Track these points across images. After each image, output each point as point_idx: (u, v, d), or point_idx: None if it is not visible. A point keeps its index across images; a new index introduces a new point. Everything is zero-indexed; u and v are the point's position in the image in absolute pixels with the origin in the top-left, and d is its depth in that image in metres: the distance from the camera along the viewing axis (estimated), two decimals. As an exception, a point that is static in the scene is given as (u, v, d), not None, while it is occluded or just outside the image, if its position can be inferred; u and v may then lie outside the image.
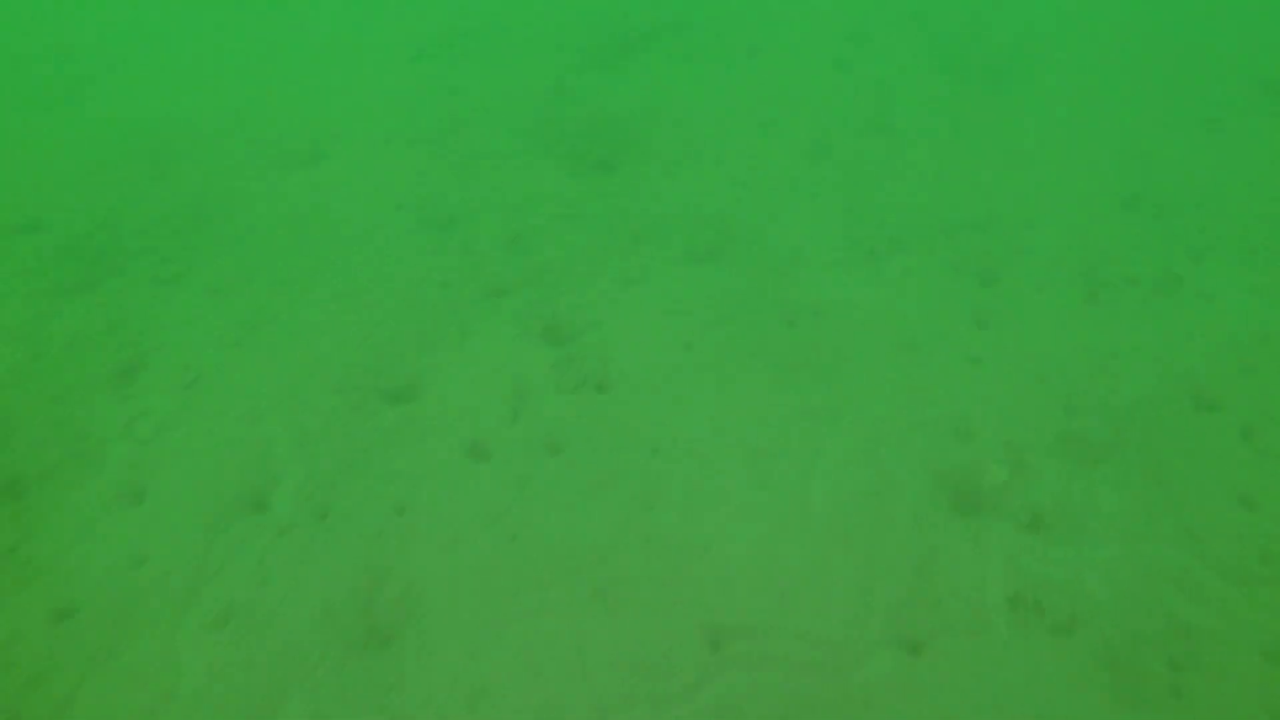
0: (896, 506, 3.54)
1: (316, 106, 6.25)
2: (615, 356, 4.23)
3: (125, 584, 3.34)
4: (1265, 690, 2.94)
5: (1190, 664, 3.02)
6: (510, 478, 3.68)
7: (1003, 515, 3.53)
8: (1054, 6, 7.94)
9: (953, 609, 3.17)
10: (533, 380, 4.12)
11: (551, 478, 3.68)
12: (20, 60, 6.88)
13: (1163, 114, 6.25)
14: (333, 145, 5.85)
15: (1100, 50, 7.16)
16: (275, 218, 5.25)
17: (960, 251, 4.91)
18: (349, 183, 5.50)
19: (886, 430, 3.86)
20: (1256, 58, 6.95)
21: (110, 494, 3.67)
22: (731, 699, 2.91)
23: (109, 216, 5.28)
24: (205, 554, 3.45)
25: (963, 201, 5.30)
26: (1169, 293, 4.65)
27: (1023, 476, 3.68)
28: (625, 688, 2.95)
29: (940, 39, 7.31)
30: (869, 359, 4.22)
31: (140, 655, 3.10)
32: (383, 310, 4.55)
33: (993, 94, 6.50)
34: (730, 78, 6.67)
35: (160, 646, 3.12)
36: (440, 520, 3.54)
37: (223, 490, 3.69)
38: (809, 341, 4.33)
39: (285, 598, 3.31)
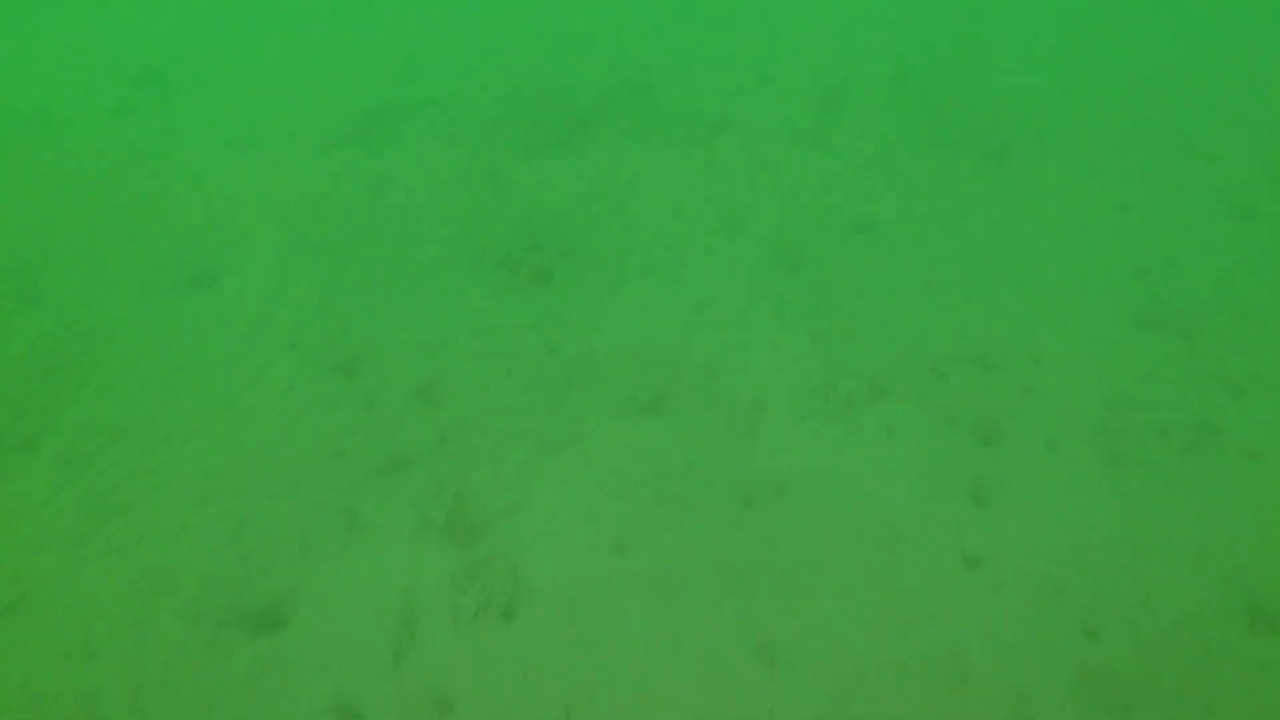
0: (872, 800, 2.76)
1: (216, 210, 5.49)
2: (530, 562, 3.46)
3: None
4: None
5: None
6: (384, 755, 2.91)
7: (1010, 805, 2.75)
8: (1057, 61, 7.13)
9: None
10: (426, 600, 3.35)
11: (436, 755, 2.91)
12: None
13: (1187, 199, 5.45)
14: (229, 260, 5.09)
15: (1112, 114, 6.35)
16: (151, 358, 4.49)
17: (955, 397, 4.12)
18: (240, 311, 4.74)
19: (859, 676, 3.07)
20: (1290, 121, 6.14)
21: (-118, 784, 2.91)
22: None
23: (-40, 361, 4.53)
24: None
25: (958, 327, 4.50)
26: (1206, 451, 3.85)
27: (1034, 743, 2.90)
28: None
29: (930, 104, 6.52)
30: (840, 561, 3.44)
31: None
32: (259, 496, 3.79)
33: (990, 176, 5.71)
34: (692, 160, 5.89)
35: None
36: (290, 822, 2.78)
37: (28, 770, 2.94)
38: (768, 532, 3.55)
39: None
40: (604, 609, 3.29)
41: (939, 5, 8.01)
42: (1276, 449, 3.85)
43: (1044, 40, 7.38)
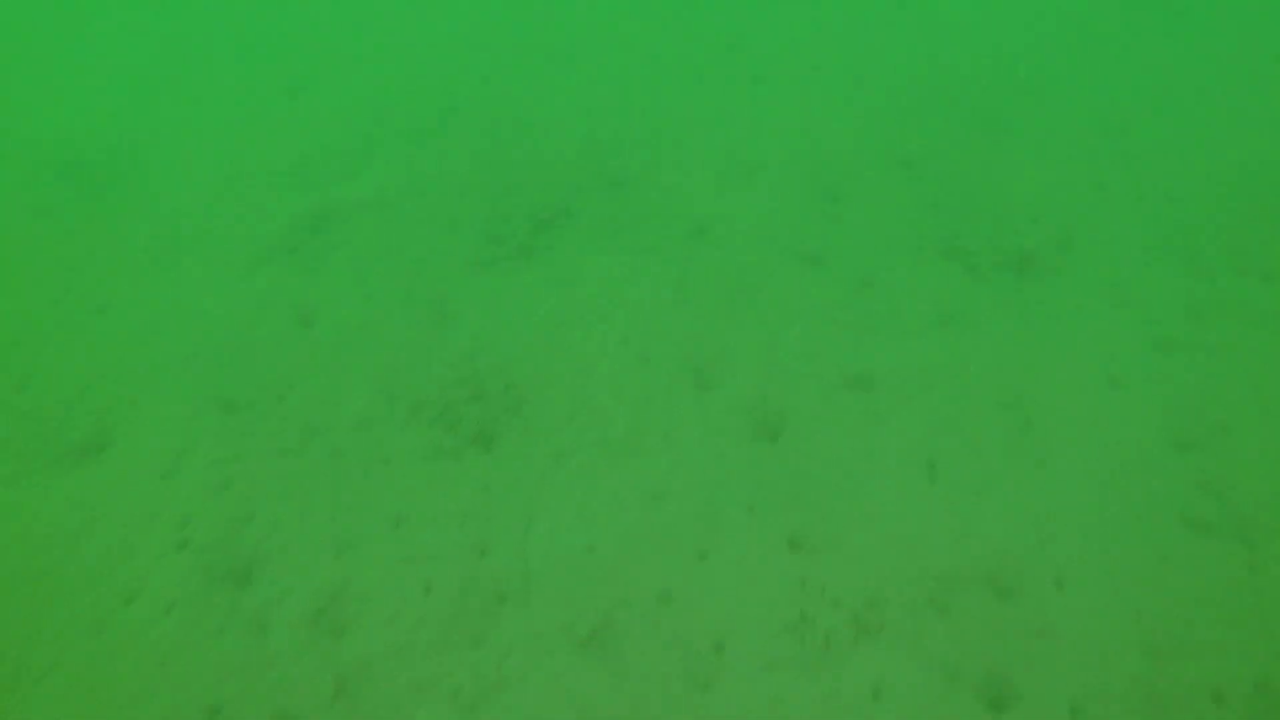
0: None
1: (118, 352, 4.85)
2: None
3: None
4: None
5: None
6: None
7: None
8: (1081, 152, 6.33)
9: None
10: None
11: None
12: None
13: (1239, 334, 4.66)
14: (124, 422, 4.46)
15: (1147, 218, 5.55)
16: (16, 560, 3.87)
17: (958, 637, 3.39)
18: (127, 492, 4.10)
19: None
20: (1359, 229, 5.32)
21: None
22: None
23: None
24: None
25: (964, 531, 3.77)
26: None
27: None
28: None
29: (939, 201, 5.75)
30: None
31: None
32: (109, 772, 3.14)
33: (1004, 302, 4.94)
34: (660, 282, 5.17)
35: None
36: None
37: None
38: None
39: None
40: None
41: (946, 85, 7.21)
42: (1362, 723, 3.10)
43: (1066, 126, 6.57)
